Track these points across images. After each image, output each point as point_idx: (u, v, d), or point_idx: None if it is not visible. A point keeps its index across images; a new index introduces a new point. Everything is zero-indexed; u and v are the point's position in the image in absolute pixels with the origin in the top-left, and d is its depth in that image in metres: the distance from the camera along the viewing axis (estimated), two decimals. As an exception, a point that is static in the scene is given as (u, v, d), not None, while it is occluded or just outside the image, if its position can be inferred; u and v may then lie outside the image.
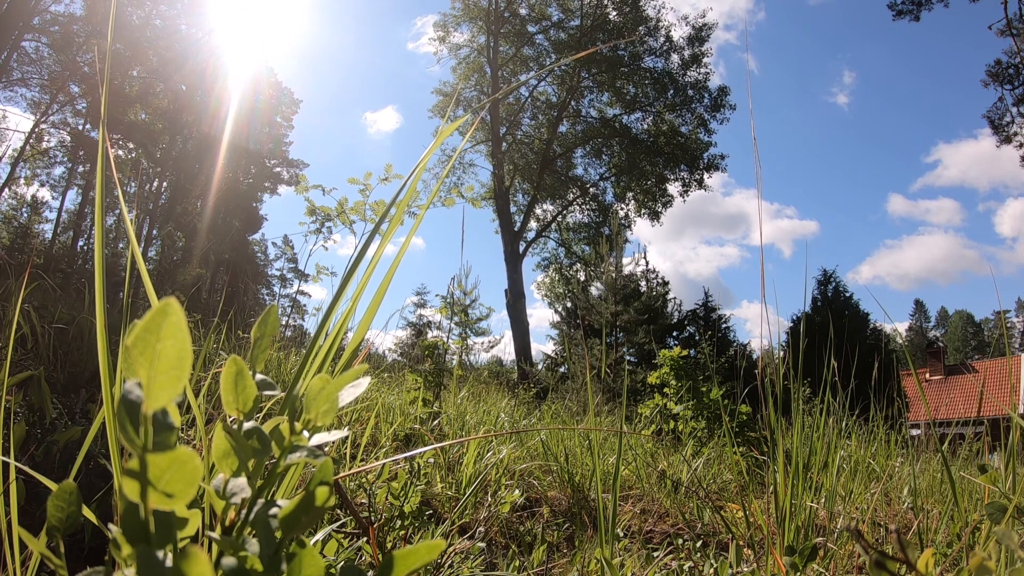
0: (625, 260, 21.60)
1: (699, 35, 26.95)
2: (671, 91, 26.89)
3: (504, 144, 27.64)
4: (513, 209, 27.70)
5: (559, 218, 28.70)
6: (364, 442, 2.14)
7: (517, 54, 27.76)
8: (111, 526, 0.43)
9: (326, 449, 1.62)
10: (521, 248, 26.97)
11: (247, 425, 0.51)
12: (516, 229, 26.91)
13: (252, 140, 27.92)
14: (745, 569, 1.28)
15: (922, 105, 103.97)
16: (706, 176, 27.42)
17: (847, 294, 21.78)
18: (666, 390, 4.97)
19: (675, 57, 27.09)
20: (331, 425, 0.55)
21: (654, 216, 28.13)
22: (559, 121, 27.44)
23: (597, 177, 28.66)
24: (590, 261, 27.60)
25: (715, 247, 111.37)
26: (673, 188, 27.85)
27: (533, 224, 28.43)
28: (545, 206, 29.09)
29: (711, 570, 1.49)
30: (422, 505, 1.70)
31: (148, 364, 0.39)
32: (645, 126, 27.77)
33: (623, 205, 28.57)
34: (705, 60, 27.04)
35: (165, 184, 26.26)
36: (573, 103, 27.78)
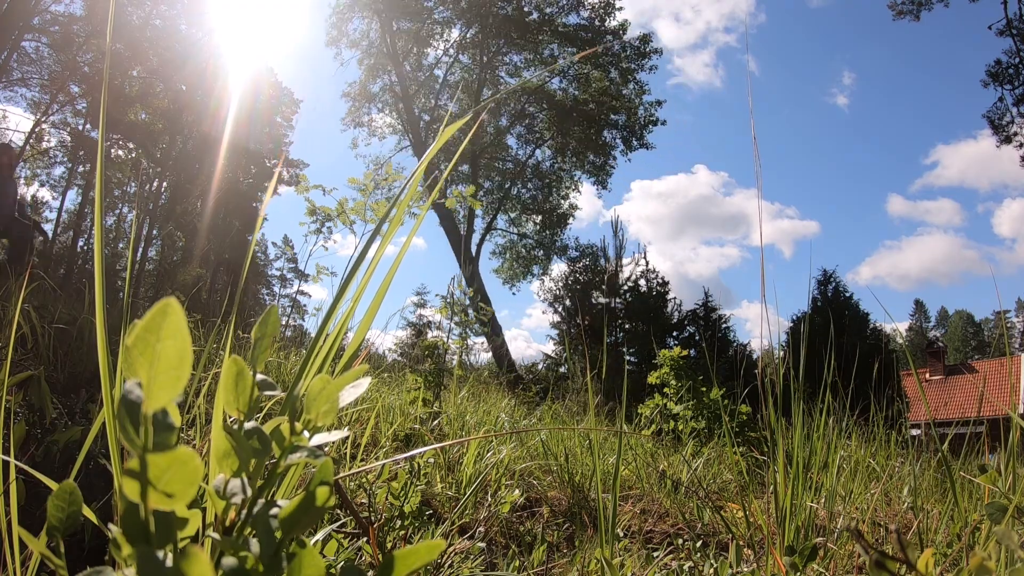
0: (625, 260, 21.58)
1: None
2: (591, 46, 24.79)
3: (431, 139, 26.30)
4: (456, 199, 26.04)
5: (503, 201, 26.70)
6: (364, 442, 2.14)
7: (420, 32, 25.32)
8: (111, 526, 0.43)
9: (326, 449, 1.62)
10: (474, 247, 25.32)
11: (247, 425, 0.51)
12: (463, 232, 25.24)
13: (252, 140, 27.81)
14: (745, 569, 1.28)
15: (922, 106, 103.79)
16: (646, 133, 25.77)
17: (847, 294, 21.77)
18: (666, 390, 4.97)
19: (585, 13, 25.34)
20: (331, 425, 0.55)
21: (597, 173, 26.42)
22: (479, 94, 25.43)
23: (532, 148, 26.81)
24: (545, 242, 26.64)
25: (715, 247, 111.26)
26: (611, 140, 26.08)
27: (479, 211, 26.19)
28: (485, 184, 26.97)
29: (711, 570, 1.49)
30: (422, 505, 1.70)
31: (148, 364, 0.39)
32: (572, 90, 25.90)
33: (564, 166, 26.83)
34: (618, 5, 25.25)
35: (165, 184, 26.25)
36: (489, 75, 25.94)
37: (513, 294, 38.32)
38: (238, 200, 27.23)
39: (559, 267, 26.90)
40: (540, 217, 26.96)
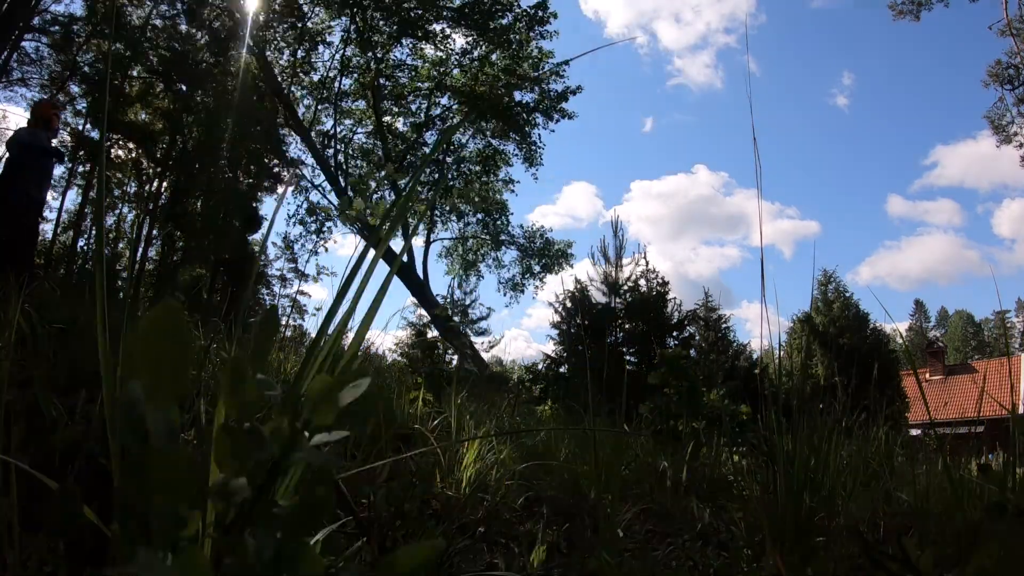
0: (625, 260, 21.50)
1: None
2: (483, 21, 21.61)
3: (339, 158, 22.01)
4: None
5: (435, 204, 23.71)
6: (364, 442, 2.14)
7: (300, 43, 21.94)
8: (111, 526, 0.43)
9: (326, 449, 1.62)
10: (420, 269, 22.25)
11: (248, 425, 0.51)
12: (405, 259, 21.76)
13: (252, 140, 27.61)
14: (745, 569, 1.28)
15: (921, 106, 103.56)
16: (564, 103, 22.60)
17: (847, 294, 21.79)
18: (666, 390, 4.97)
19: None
20: (331, 425, 0.55)
21: (522, 147, 23.25)
22: (377, 96, 22.03)
23: (446, 144, 24.43)
24: (490, 232, 25.25)
25: (715, 247, 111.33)
26: (529, 118, 22.72)
27: (413, 221, 23.31)
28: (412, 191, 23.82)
29: (711, 570, 1.49)
30: (422, 505, 1.70)
31: (148, 364, 0.39)
32: (473, 73, 22.43)
33: (488, 153, 25.02)
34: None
35: (165, 184, 26.21)
36: (386, 74, 22.56)
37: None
38: (238, 200, 27.13)
39: (510, 255, 25.00)
40: (477, 206, 25.50)
